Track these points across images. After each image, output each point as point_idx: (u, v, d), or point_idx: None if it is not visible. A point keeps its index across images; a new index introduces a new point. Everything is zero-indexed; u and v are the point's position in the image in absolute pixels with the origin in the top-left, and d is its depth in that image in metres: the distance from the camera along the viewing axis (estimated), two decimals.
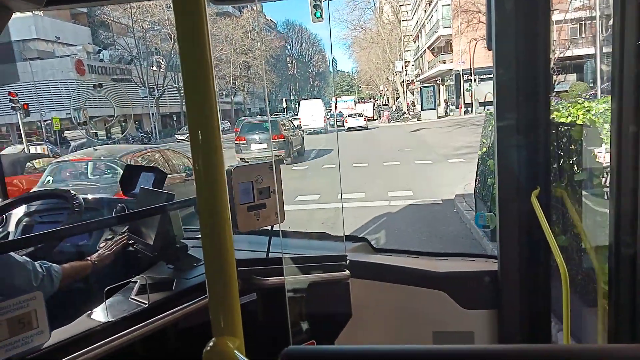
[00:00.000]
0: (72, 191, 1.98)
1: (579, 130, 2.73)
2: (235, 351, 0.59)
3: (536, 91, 1.62)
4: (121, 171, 2.12)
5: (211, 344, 0.61)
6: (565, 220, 2.73)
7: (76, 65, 28.98)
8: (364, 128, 26.32)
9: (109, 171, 6.87)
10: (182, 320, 1.41)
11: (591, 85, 20.74)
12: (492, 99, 1.72)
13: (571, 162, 2.87)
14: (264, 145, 14.20)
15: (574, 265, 2.76)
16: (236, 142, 14.55)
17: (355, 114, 27.99)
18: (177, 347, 1.46)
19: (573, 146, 2.83)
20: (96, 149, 7.59)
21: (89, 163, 6.96)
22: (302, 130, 18.27)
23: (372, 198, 8.99)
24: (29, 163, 10.25)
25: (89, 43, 33.91)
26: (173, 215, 1.68)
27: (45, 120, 26.00)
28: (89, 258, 1.74)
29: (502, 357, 0.49)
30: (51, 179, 6.91)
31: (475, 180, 6.56)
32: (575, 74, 25.06)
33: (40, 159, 10.90)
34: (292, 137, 15.10)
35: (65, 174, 7.10)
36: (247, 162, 2.43)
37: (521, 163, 1.67)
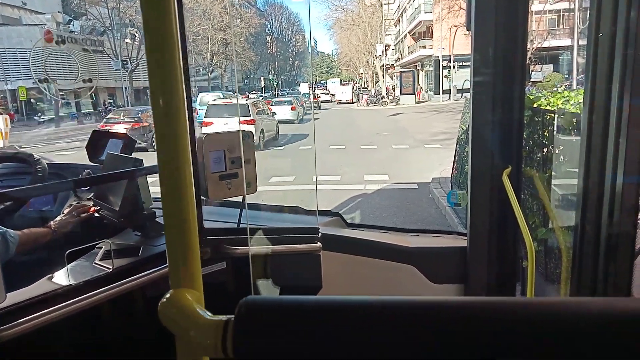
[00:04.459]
0: (35, 155, 1.89)
1: (569, 118, 2.78)
2: (195, 303, 0.57)
3: (513, 72, 1.63)
4: None
5: (168, 295, 0.58)
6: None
7: (45, 34, 27.66)
8: (329, 101, 38.69)
9: None
10: (148, 286, 1.38)
11: (566, 76, 21.20)
12: (469, 85, 1.73)
13: (557, 151, 2.92)
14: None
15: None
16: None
17: (326, 94, 41.40)
18: (141, 313, 1.43)
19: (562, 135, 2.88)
20: None
21: None
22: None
23: (348, 181, 9.01)
24: None
25: (58, 12, 32.30)
26: (141, 181, 1.62)
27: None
28: (50, 224, 1.67)
29: (466, 308, 0.49)
30: None
31: (452, 166, 6.62)
32: (551, 65, 25.51)
33: None
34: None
35: None
36: None
37: (495, 142, 1.69)
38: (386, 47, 43.63)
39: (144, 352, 1.40)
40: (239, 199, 1.69)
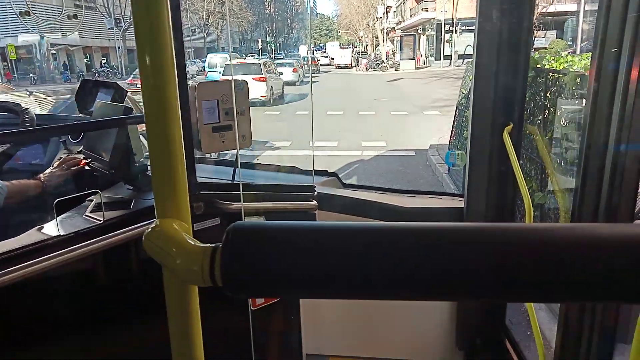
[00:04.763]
0: (23, 105, 1.83)
1: (573, 78, 2.72)
2: (184, 233, 0.54)
3: (519, 28, 1.57)
4: None
5: (153, 225, 0.54)
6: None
7: None
8: (328, 65, 39.81)
9: None
10: (139, 239, 1.36)
11: (570, 44, 20.77)
12: (472, 52, 1.67)
13: (559, 113, 2.90)
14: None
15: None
16: None
17: (325, 57, 42.70)
18: (132, 265, 1.42)
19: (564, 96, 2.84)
20: None
21: None
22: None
23: (345, 147, 8.94)
24: None
25: None
26: (132, 131, 1.57)
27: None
28: (39, 177, 1.63)
29: (467, 232, 0.46)
30: None
31: (451, 132, 6.55)
32: (555, 31, 24.91)
33: None
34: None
35: None
36: None
37: (497, 99, 1.65)
38: (387, 9, 42.45)
39: (133, 302, 1.40)
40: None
